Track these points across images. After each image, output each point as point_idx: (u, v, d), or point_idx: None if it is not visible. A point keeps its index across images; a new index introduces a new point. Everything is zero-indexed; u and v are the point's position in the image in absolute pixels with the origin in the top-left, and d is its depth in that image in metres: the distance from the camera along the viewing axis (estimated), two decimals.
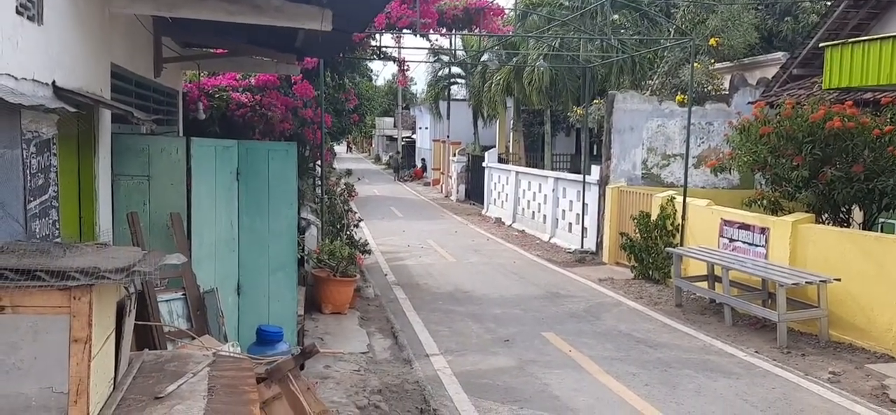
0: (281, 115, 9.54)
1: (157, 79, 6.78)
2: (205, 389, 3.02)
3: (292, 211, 6.54)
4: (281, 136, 9.67)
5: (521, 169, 19.82)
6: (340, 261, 9.10)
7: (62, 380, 2.59)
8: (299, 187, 7.85)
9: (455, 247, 15.27)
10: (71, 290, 2.57)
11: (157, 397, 2.90)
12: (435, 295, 10.62)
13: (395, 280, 11.59)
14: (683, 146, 13.19)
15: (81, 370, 2.59)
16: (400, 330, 8.50)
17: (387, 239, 16.28)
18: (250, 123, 9.39)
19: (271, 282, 6.54)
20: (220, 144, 6.25)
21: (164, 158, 5.55)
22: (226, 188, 6.20)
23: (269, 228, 6.48)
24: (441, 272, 12.33)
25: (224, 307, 5.71)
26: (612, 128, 13.69)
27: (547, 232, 16.52)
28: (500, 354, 7.73)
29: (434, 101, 31.42)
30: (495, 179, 21.22)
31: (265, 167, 6.43)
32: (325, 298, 9.01)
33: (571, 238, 15.26)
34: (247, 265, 6.44)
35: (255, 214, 6.44)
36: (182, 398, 2.92)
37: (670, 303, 10.18)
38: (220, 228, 6.13)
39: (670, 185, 13.45)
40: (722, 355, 7.85)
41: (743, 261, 9.14)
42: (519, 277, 12.11)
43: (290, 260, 6.59)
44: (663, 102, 13.80)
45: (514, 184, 19.14)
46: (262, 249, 6.47)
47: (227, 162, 6.23)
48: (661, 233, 11.42)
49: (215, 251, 6.04)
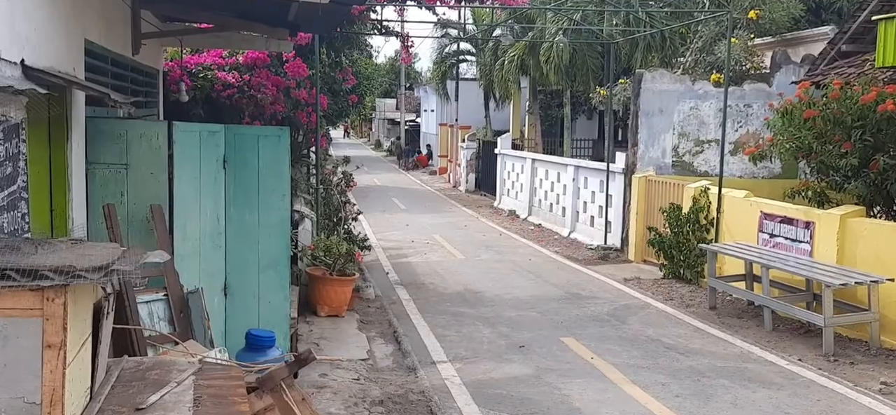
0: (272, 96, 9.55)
1: (135, 57, 6.80)
2: (190, 399, 3.03)
3: (285, 203, 6.56)
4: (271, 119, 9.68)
5: (538, 156, 19.79)
6: (337, 258, 9.13)
7: (34, 389, 2.60)
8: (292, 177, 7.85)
9: (464, 243, 15.28)
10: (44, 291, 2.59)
11: (138, 409, 2.92)
12: (442, 296, 10.64)
13: (398, 279, 11.63)
14: (719, 131, 13.14)
15: (55, 379, 2.61)
16: (403, 335, 8.53)
17: (388, 234, 16.29)
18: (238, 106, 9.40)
19: (262, 281, 6.56)
20: (205, 128, 6.26)
21: (144, 144, 5.57)
22: (211, 178, 6.22)
23: (259, 221, 6.50)
24: (449, 271, 12.35)
25: (210, 309, 5.74)
26: (640, 111, 13.65)
27: (566, 226, 16.52)
28: (515, 361, 7.74)
29: (441, 81, 31.39)
30: (509, 168, 21.22)
31: (255, 155, 6.44)
32: (320, 299, 9.04)
33: (593, 233, 15.26)
34: (235, 263, 6.46)
35: (243, 206, 6.45)
36: (165, 410, 2.94)
37: (703, 305, 10.17)
38: (206, 221, 6.15)
39: (704, 174, 13.41)
40: (761, 363, 7.84)
41: (785, 259, 9.11)
42: (535, 276, 12.12)
43: (283, 257, 6.61)
44: (696, 82, 13.74)
45: (530, 173, 19.14)
46: (252, 244, 6.50)
47: (213, 149, 6.25)
48: (693, 227, 11.39)
49: (200, 247, 6.07)
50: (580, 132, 25.80)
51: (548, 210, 17.97)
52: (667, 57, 17.87)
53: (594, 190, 15.53)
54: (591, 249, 14.43)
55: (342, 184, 11.71)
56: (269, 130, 6.68)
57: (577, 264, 13.15)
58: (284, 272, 6.62)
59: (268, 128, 7.71)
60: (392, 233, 16.45)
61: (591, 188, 15.71)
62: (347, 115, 19.72)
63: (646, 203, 13.24)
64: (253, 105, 9.42)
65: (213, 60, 9.85)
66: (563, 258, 13.73)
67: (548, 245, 15.11)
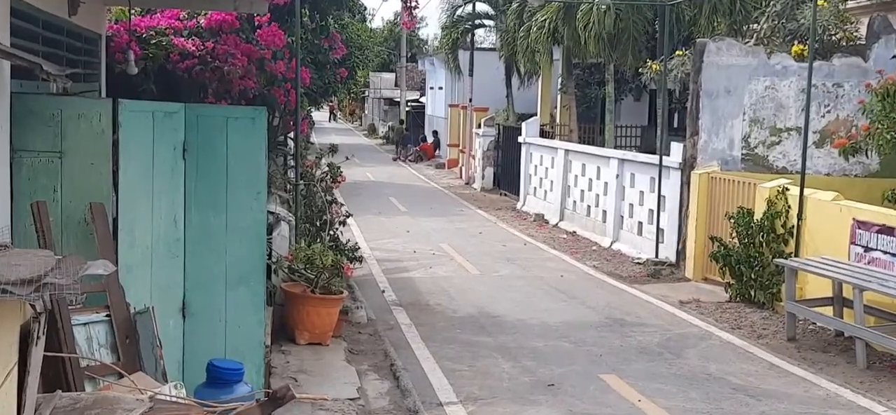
0: (241, 69, 9.57)
1: (72, 18, 6.83)
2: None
3: (260, 203, 6.59)
4: (241, 98, 9.70)
5: (573, 146, 19.72)
6: (321, 272, 9.14)
7: None
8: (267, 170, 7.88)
9: (479, 254, 15.28)
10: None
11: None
12: (451, 321, 10.63)
13: (396, 299, 11.63)
14: (800, 117, 13.09)
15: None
16: (402, 368, 8.54)
17: (385, 242, 16.29)
18: (199, 81, 9.42)
19: (230, 300, 6.58)
20: (159, 108, 6.27)
21: (83, 127, 5.59)
22: (167, 170, 6.24)
23: (227, 225, 6.52)
24: (460, 289, 12.36)
25: (163, 334, 5.75)
26: (701, 90, 13.63)
27: (608, 234, 16.51)
28: (543, 403, 7.74)
29: (451, 51, 31.39)
30: (536, 161, 21.16)
31: (223, 141, 6.45)
32: (299, 322, 9.06)
33: (641, 243, 15.24)
34: (196, 277, 6.49)
35: (208, 205, 6.47)
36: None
37: (780, 335, 10.14)
38: (160, 224, 6.17)
39: (781, 170, 13.37)
40: (852, 409, 7.81)
41: (884, 279, 9.07)
42: (568, 296, 12.11)
43: (257, 270, 6.64)
44: (773, 55, 13.69)
45: (563, 167, 19.12)
46: (218, 254, 6.52)
47: (170, 133, 6.26)
48: (767, 238, 11.36)
49: (152, 257, 6.09)
50: (626, 117, 25.72)
51: (584, 214, 17.92)
52: (736, 23, 17.82)
53: (643, 189, 15.51)
54: (638, 264, 14.40)
55: (327, 179, 11.70)
56: (241, 112, 6.73)
57: (620, 283, 13.12)
58: (258, 289, 6.65)
59: (239, 109, 7.71)
60: (389, 241, 16.45)
61: (638, 187, 15.69)
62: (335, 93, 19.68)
63: (708, 207, 13.21)
64: (218, 80, 9.43)
65: (168, 24, 9.88)
66: (604, 275, 13.70)
67: (584, 258, 15.09)
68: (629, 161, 16.29)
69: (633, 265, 14.39)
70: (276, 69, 10.10)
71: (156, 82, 9.16)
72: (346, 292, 9.80)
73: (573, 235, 17.62)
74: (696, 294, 12.25)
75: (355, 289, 11.56)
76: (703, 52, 13.66)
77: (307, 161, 12.65)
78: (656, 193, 14.73)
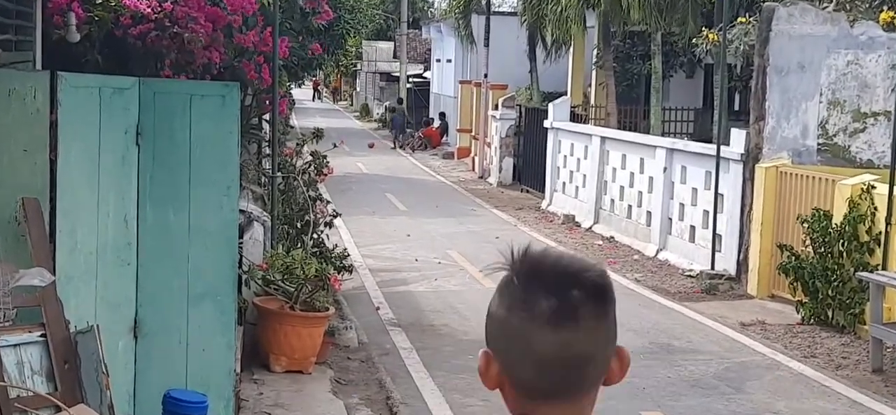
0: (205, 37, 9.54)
1: None
2: None
3: (230, 200, 6.63)
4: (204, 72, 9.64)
5: (611, 133, 19.66)
6: (302, 284, 9.14)
7: None
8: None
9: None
10: None
11: None
12: (461, 344, 10.63)
13: (394, 318, 11.64)
14: (890, 99, 13.04)
15: None
16: (401, 402, 8.55)
17: (380, 248, 16.31)
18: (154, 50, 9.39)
19: (192, 317, 6.60)
20: (108, 83, 6.31)
21: (14, 106, 5.61)
22: (117, 159, 6.25)
23: (190, 226, 6.54)
24: (471, 306, 12.30)
25: (110, 358, 5.76)
26: (769, 66, 13.59)
27: (652, 241, 16.50)
28: None
29: (463, 16, 31.35)
30: (566, 150, 21.14)
31: (185, 124, 6.47)
32: (276, 345, 9.07)
33: (694, 252, 15.22)
34: (151, 289, 6.51)
35: (166, 203, 6.49)
36: None
37: (863, 366, 10.10)
38: (108, 225, 6.18)
39: (867, 164, 13.33)
40: None
41: None
42: None
43: (226, 282, 6.67)
44: (857, 24, 13.64)
45: (598, 158, 19.10)
46: (178, 262, 6.54)
47: (121, 114, 6.27)
48: (849, 247, 11.33)
49: (98, 264, 6.10)
50: (675, 98, 25.63)
51: (624, 215, 17.90)
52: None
53: (696, 186, 15.48)
54: (690, 277, 14.38)
55: (311, 171, 11.69)
56: (208, 87, 6.77)
57: (668, 300, 13.11)
58: (228, 304, 6.68)
59: (206, 84, 7.69)
60: (386, 247, 16.46)
61: (691, 184, 15.66)
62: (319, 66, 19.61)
63: (775, 207, 13.19)
64: (177, 49, 9.41)
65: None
66: (648, 290, 13.70)
67: (624, 269, 15.08)
68: (680, 151, 16.26)
69: (683, 279, 14.38)
70: (247, 40, 10.05)
71: (102, 52, 9.11)
72: (332, 309, 9.80)
73: (610, 240, 17.61)
74: (761, 315, 12.22)
75: (344, 305, 11.58)
76: (771, 18, 13.61)
77: (286, 149, 12.63)
78: (712, 190, 14.67)
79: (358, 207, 20.24)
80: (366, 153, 34.05)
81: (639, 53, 25.09)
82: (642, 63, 24.57)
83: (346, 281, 11.62)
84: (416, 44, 49.54)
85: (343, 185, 23.23)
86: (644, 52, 24.24)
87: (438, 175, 28.89)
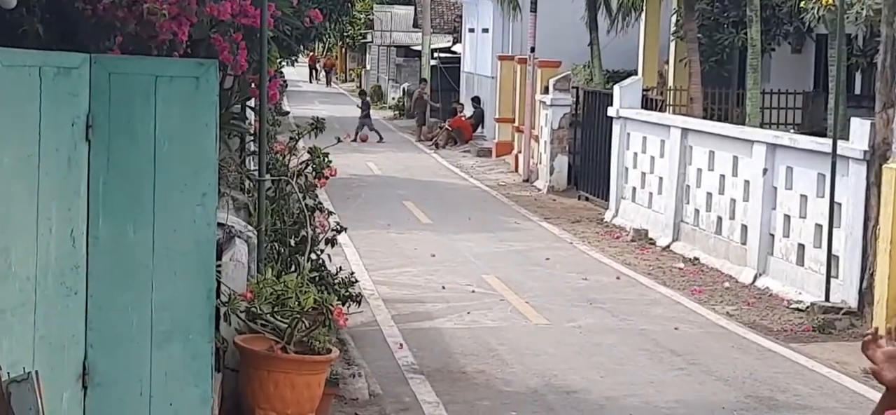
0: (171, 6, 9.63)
1: None
2: None
3: (206, 211, 6.65)
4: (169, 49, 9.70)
5: (695, 123, 19.63)
6: (298, 319, 9.13)
7: None
8: None
9: (546, 292, 15.31)
10: None
11: None
12: (500, 397, 10.66)
13: (415, 363, 11.68)
14: None
15: None
16: None
17: (397, 272, 16.34)
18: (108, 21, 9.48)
19: (156, 362, 6.62)
20: (49, 61, 6.32)
21: None
22: (62, 159, 6.28)
23: (154, 245, 6.55)
24: (515, 348, 12.36)
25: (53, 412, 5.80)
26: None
27: (749, 263, 16.45)
28: None
29: None
30: (636, 146, 21.15)
31: (149, 114, 6.50)
32: (263, 397, 9.02)
33: (803, 278, 15.15)
34: (105, 325, 6.52)
35: (125, 215, 6.50)
36: None
37: None
38: (49, 243, 6.20)
39: None
40: None
41: None
42: (687, 361, 12.11)
43: (198, 316, 6.70)
44: None
45: (678, 156, 19.09)
46: (140, 291, 6.57)
47: (67, 101, 6.31)
48: None
49: (36, 294, 6.11)
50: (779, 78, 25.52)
51: (712, 231, 17.88)
52: None
53: (806, 193, 15.42)
54: (797, 311, 14.30)
55: (308, 174, 11.71)
56: (178, 66, 6.84)
57: (769, 341, 13.06)
58: (201, 346, 6.69)
59: (176, 62, 7.70)
60: (404, 270, 16.48)
61: (799, 189, 15.61)
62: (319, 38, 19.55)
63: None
64: (136, 21, 9.50)
65: None
66: (743, 327, 13.65)
67: (712, 301, 15.04)
68: (784, 147, 16.20)
69: (789, 312, 14.30)
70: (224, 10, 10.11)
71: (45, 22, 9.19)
72: (335, 351, 9.70)
73: (694, 263, 17.58)
74: None
75: (351, 346, 11.59)
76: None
77: (277, 144, 12.59)
78: (827, 198, 14.59)
79: (368, 218, 20.32)
80: (378, 149, 34.02)
81: (731, 20, 24.92)
82: (735, 33, 24.41)
83: (353, 314, 11.60)
84: (442, 9, 49.51)
85: (349, 190, 23.28)
86: (737, 19, 24.15)
87: (471, 178, 28.87)
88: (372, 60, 68.43)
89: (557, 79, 26.88)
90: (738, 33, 24.20)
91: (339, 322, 10.04)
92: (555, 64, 28.29)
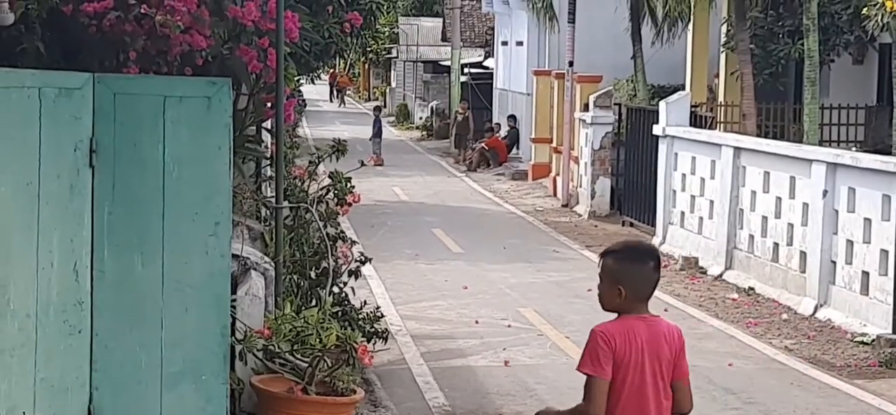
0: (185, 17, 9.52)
1: None
2: None
3: (220, 242, 6.71)
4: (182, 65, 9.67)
5: (748, 142, 19.67)
6: (319, 357, 9.17)
7: None
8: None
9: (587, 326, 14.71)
10: None
11: None
12: None
13: (447, 404, 11.69)
14: None
15: None
16: None
17: (426, 305, 16.40)
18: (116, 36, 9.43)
19: (167, 405, 6.68)
20: (50, 81, 6.33)
21: None
22: (64, 187, 6.31)
23: (163, 279, 6.60)
24: (555, 387, 12.32)
25: None
26: None
27: (809, 293, 16.47)
28: None
29: None
30: (684, 167, 21.28)
31: (157, 138, 6.55)
32: None
33: (868, 309, 15.10)
34: (111, 366, 6.58)
35: (132, 247, 6.56)
36: None
37: None
38: (51, 278, 6.24)
39: None
40: None
41: None
42: (742, 400, 12.10)
43: (212, 355, 6.76)
44: None
45: (730, 177, 19.18)
46: (148, 328, 6.63)
47: (69, 125, 6.33)
48: None
49: (37, 332, 6.16)
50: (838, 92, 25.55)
51: (768, 258, 17.91)
52: None
53: (870, 216, 15.40)
54: (863, 344, 14.29)
55: (329, 200, 11.74)
56: (188, 86, 6.84)
57: (832, 377, 13.03)
58: (216, 387, 6.78)
59: (186, 82, 7.70)
60: (434, 304, 16.54)
61: (862, 212, 15.60)
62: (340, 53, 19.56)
63: None
64: (147, 35, 9.43)
65: None
66: (803, 363, 13.64)
67: (769, 334, 15.06)
68: (845, 167, 16.19)
69: (853, 346, 14.29)
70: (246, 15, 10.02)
71: (45, 38, 9.19)
72: (360, 392, 9.78)
73: (749, 293, 17.61)
74: None
75: (377, 386, 11.62)
76: None
77: (296, 168, 12.59)
78: (893, 221, 14.61)
79: (394, 248, 20.54)
80: (405, 173, 34.21)
81: (786, 30, 24.99)
82: (791, 43, 24.45)
83: (378, 352, 11.64)
84: (473, 21, 49.70)
85: (374, 218, 23.56)
86: (793, 28, 24.21)
87: (506, 203, 29.05)
88: (397, 77, 69.18)
89: (598, 95, 27.00)
90: (794, 44, 24.20)
91: (364, 361, 10.09)
92: (595, 79, 28.50)
